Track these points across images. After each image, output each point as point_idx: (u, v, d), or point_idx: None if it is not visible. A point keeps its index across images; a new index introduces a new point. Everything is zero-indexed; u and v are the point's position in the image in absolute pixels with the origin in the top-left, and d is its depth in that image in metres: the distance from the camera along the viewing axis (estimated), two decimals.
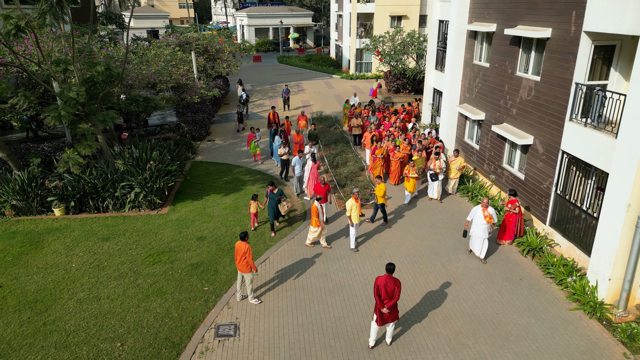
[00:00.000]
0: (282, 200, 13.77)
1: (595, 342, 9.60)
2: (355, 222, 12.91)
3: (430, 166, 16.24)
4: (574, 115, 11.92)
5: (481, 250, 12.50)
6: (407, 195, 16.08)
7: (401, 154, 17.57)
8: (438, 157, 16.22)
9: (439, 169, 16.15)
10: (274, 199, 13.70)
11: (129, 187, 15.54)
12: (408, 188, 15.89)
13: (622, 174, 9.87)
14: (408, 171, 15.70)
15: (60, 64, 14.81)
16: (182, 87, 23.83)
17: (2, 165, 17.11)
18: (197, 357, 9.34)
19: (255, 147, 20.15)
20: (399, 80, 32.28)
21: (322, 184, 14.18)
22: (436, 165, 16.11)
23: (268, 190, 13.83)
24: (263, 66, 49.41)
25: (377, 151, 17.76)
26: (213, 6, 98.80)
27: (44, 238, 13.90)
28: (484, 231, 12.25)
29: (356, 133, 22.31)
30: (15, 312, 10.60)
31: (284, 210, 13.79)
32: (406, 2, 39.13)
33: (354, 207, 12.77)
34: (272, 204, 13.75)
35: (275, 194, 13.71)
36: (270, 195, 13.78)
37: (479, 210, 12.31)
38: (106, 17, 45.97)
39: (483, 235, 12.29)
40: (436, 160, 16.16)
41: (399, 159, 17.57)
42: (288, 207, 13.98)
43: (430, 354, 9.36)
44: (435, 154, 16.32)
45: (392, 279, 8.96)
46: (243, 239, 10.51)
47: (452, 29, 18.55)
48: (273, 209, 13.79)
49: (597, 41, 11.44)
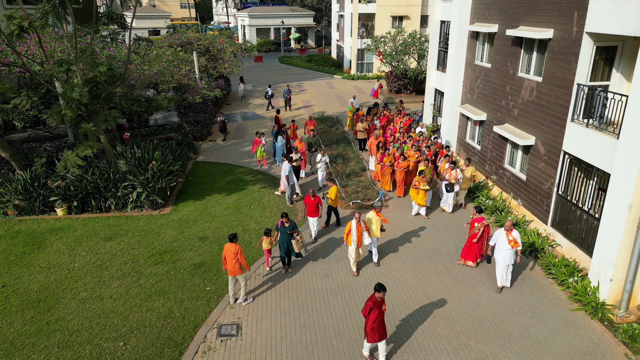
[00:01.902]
0: (295, 235, 11.87)
1: (597, 343, 9.62)
2: (374, 237, 12.18)
3: (445, 176, 15.18)
4: (575, 116, 11.94)
5: (505, 278, 11.29)
6: (415, 206, 15.23)
7: (406, 163, 16.50)
8: (454, 167, 15.05)
9: (455, 180, 14.98)
10: (286, 232, 11.87)
11: (131, 187, 15.58)
12: (416, 200, 14.90)
13: (624, 175, 9.88)
14: (418, 182, 14.67)
15: (62, 64, 14.86)
16: (184, 87, 23.87)
17: (5, 165, 17.17)
18: (200, 356, 9.37)
19: (262, 152, 19.64)
20: (401, 81, 32.30)
21: (312, 196, 13.32)
22: (452, 175, 14.97)
23: (279, 223, 12.02)
24: (264, 66, 49.44)
25: (385, 159, 16.83)
26: (214, 6, 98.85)
27: (47, 238, 13.94)
28: (509, 258, 11.00)
29: (361, 137, 21.75)
30: (18, 312, 10.64)
31: (298, 247, 11.91)
32: (407, 3, 39.12)
33: (375, 220, 12.04)
34: (284, 238, 11.89)
35: (287, 227, 11.87)
36: (281, 229, 11.92)
37: (502, 234, 11.00)
38: (108, 17, 46.01)
39: (508, 262, 11.05)
40: (452, 170, 14.99)
41: (403, 169, 16.49)
42: (301, 244, 12.09)
43: (432, 354, 9.38)
44: (451, 163, 15.19)
45: None
46: (232, 241, 10.51)
47: (453, 30, 18.57)
48: (285, 244, 11.96)
49: (599, 42, 11.45)
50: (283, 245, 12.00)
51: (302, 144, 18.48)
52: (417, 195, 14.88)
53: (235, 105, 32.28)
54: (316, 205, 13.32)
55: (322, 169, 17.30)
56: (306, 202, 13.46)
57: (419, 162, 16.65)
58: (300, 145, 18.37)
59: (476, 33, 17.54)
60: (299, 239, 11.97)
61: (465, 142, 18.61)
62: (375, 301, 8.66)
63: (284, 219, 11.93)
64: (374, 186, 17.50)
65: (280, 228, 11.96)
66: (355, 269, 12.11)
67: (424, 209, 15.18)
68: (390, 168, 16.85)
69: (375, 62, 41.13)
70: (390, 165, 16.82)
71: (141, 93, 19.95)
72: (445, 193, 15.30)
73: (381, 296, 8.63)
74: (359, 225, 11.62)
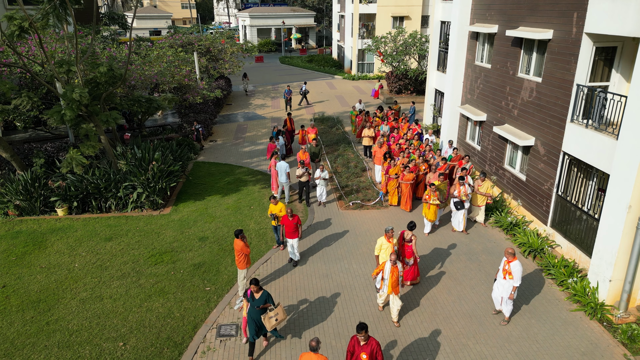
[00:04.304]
0: (268, 310, 9.05)
1: (596, 343, 9.62)
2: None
3: (454, 193, 13.87)
4: (575, 117, 11.94)
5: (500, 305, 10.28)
6: (427, 223, 13.95)
7: (412, 176, 15.20)
8: (463, 182, 13.76)
9: (465, 196, 13.77)
10: (255, 306, 8.88)
11: (131, 187, 15.62)
12: (428, 216, 13.70)
13: (623, 176, 9.89)
14: (428, 196, 13.53)
15: (63, 64, 14.89)
16: (185, 87, 23.91)
17: (6, 165, 17.22)
18: (199, 356, 9.39)
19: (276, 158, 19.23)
20: (401, 81, 32.32)
21: (290, 216, 11.90)
22: (461, 191, 13.73)
23: (248, 292, 8.92)
24: (265, 67, 49.49)
25: (391, 170, 15.60)
26: (215, 7, 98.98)
27: (47, 238, 13.98)
28: (502, 289, 10.02)
29: (366, 144, 20.68)
30: (18, 312, 10.68)
31: (270, 326, 9.00)
32: (408, 3, 39.14)
33: (386, 247, 10.67)
34: (253, 314, 8.90)
35: (257, 300, 8.89)
36: (251, 300, 8.92)
37: (502, 261, 9.98)
38: (109, 17, 46.11)
39: (501, 293, 10.09)
40: (460, 186, 13.78)
41: (409, 182, 15.27)
42: (278, 321, 9.11)
43: (431, 354, 9.39)
44: (459, 178, 13.81)
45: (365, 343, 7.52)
46: (237, 237, 10.65)
47: (454, 30, 18.58)
48: (254, 321, 8.94)
49: (598, 43, 11.46)
50: (251, 325, 8.93)
51: (306, 154, 17.15)
52: (428, 210, 13.67)
53: (237, 105, 32.32)
54: (295, 225, 11.96)
55: (322, 184, 15.91)
56: (284, 222, 12.07)
57: (426, 175, 15.62)
58: (304, 157, 16.99)
59: (476, 33, 17.56)
60: (272, 315, 9.02)
61: (466, 142, 18.63)
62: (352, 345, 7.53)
63: (253, 286, 8.73)
64: (374, 186, 17.51)
65: (249, 299, 8.93)
66: (383, 304, 10.66)
67: (429, 225, 14.01)
68: (396, 181, 15.65)
69: (376, 62, 41.17)
70: (396, 178, 15.62)
71: (142, 94, 19.98)
72: (455, 211, 14.02)
73: (362, 336, 7.34)
74: (394, 270, 9.61)
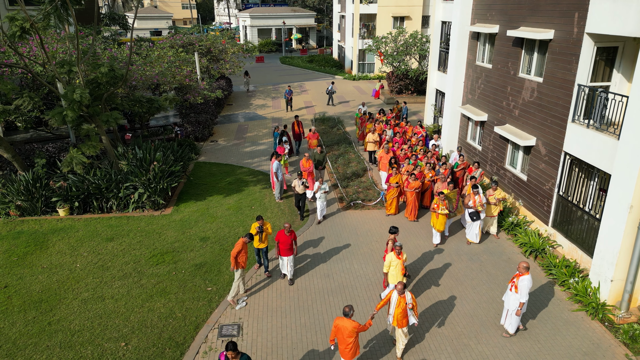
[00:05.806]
0: None
1: (597, 344, 9.62)
2: (392, 283, 10.17)
3: (469, 203, 13.15)
4: (576, 117, 11.94)
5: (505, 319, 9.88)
6: (435, 234, 13.28)
7: (417, 183, 14.56)
8: (477, 191, 13.04)
9: (481, 206, 13.04)
10: None
11: (132, 187, 15.63)
12: (436, 226, 13.08)
13: (625, 176, 9.89)
14: (437, 205, 12.95)
15: (64, 65, 14.92)
16: (185, 88, 23.93)
17: (7, 165, 17.24)
18: (201, 357, 9.40)
19: (285, 160, 18.57)
20: (402, 81, 32.32)
21: (287, 232, 11.16)
22: (476, 201, 13.01)
23: (222, 356, 7.44)
24: (266, 67, 49.50)
25: (392, 179, 14.83)
26: (216, 7, 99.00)
27: (49, 238, 14.00)
28: (510, 301, 9.59)
29: (371, 150, 19.91)
30: (20, 312, 10.70)
31: None
32: (409, 3, 39.13)
33: (396, 264, 10.08)
34: None
35: None
36: None
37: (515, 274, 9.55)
38: (110, 18, 46.17)
39: (507, 305, 9.66)
40: (475, 196, 13.02)
41: (414, 189, 14.62)
42: None
43: (433, 354, 9.40)
44: (473, 188, 13.21)
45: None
46: None
47: (454, 30, 18.58)
48: None
49: (599, 43, 11.46)
50: None
51: (309, 162, 16.30)
52: (436, 220, 13.06)
53: (237, 105, 32.33)
54: (291, 242, 11.26)
55: (321, 198, 14.74)
56: (279, 238, 11.20)
57: (433, 182, 15.14)
58: (308, 165, 16.22)
59: (477, 34, 17.56)
60: None
61: (467, 142, 18.63)
62: None
63: (229, 352, 7.24)
64: (375, 186, 17.50)
65: None
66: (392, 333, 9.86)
67: (438, 235, 13.31)
68: (396, 190, 14.99)
69: (376, 62, 41.17)
70: (397, 186, 14.96)
71: (143, 94, 20.00)
72: (471, 222, 13.25)
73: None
74: (401, 300, 8.67)
